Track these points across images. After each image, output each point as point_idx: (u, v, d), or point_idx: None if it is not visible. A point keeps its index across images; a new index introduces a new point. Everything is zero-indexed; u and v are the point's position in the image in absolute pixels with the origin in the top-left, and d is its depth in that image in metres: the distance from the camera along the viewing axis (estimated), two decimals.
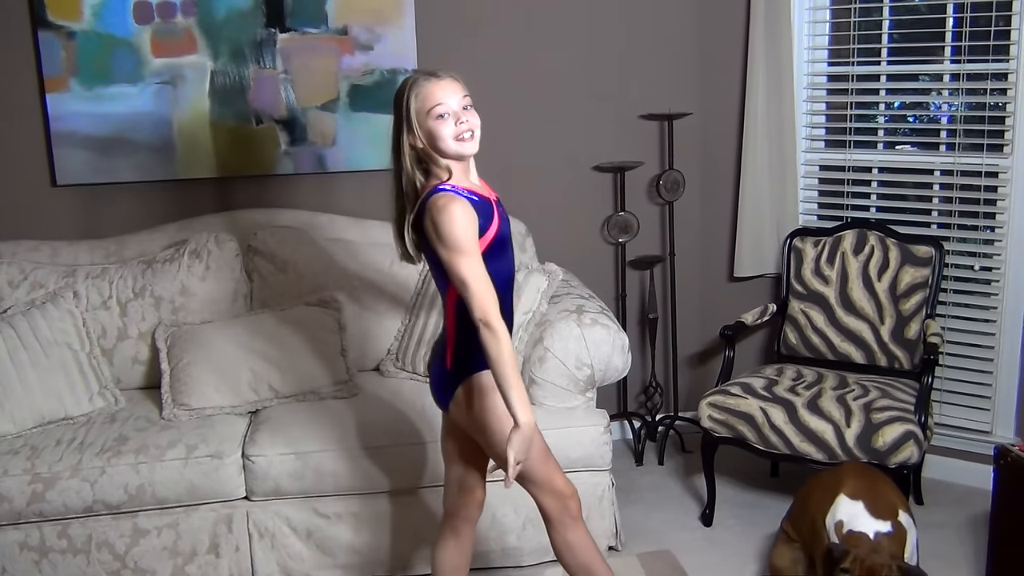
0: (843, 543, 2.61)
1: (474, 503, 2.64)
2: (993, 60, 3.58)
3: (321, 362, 3.40)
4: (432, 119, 2.29)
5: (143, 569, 3.09)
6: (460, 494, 2.62)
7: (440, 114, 2.28)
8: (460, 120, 2.29)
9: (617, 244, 4.18)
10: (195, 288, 3.57)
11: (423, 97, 2.30)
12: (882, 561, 2.50)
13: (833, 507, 2.74)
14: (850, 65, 3.89)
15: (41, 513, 3.01)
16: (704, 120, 4.19)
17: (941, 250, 3.62)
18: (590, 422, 3.25)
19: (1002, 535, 2.83)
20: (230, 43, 3.81)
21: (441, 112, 2.28)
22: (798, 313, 3.82)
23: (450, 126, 2.29)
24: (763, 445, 3.40)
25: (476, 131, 2.33)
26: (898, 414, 3.22)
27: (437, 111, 2.28)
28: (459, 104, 2.30)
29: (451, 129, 2.29)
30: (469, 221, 2.26)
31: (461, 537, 2.66)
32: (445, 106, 2.29)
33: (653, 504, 3.74)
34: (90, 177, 3.81)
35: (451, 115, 2.29)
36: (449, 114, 2.29)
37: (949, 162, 3.73)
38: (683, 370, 4.36)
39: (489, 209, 2.35)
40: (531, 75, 4.03)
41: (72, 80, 3.73)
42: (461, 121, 2.29)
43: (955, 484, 3.77)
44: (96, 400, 3.36)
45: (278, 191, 3.96)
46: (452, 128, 2.29)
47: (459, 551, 2.67)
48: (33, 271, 3.57)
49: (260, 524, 3.12)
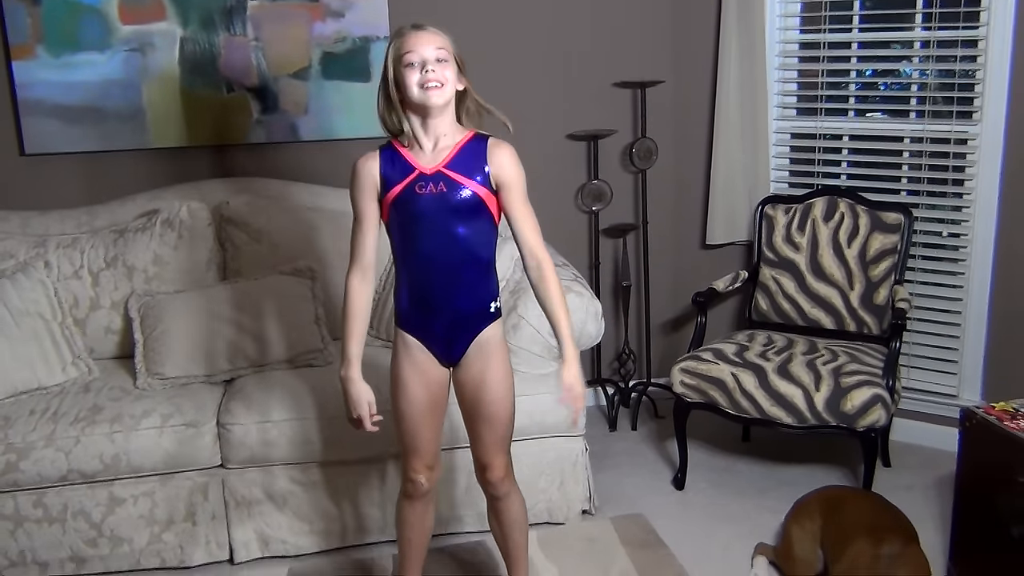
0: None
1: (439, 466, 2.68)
2: (963, 27, 3.59)
3: (295, 331, 3.39)
4: (403, 66, 2.30)
5: (120, 537, 3.09)
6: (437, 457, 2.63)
7: (409, 62, 2.29)
8: (428, 68, 2.28)
9: (591, 212, 4.18)
10: (168, 257, 3.55)
11: (398, 45, 2.31)
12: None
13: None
14: (822, 32, 3.89)
15: (15, 483, 2.99)
16: (677, 88, 4.18)
17: (910, 217, 3.65)
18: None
19: (967, 496, 2.88)
20: (199, 10, 3.76)
21: (411, 60, 2.29)
22: (769, 280, 3.84)
23: (416, 73, 2.29)
24: (734, 410, 3.43)
25: (446, 84, 2.31)
26: (866, 378, 3.25)
27: (407, 59, 2.29)
28: (433, 55, 2.29)
29: (416, 76, 2.29)
30: (355, 179, 2.41)
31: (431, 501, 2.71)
32: (416, 54, 2.29)
33: (626, 469, 3.77)
34: (59, 146, 3.76)
35: (419, 63, 2.29)
36: (417, 63, 2.29)
37: (919, 129, 3.75)
38: (656, 337, 4.38)
39: (408, 170, 2.37)
40: (504, 43, 4.00)
41: (39, 48, 3.67)
42: (429, 69, 2.28)
43: (922, 446, 3.82)
44: (69, 370, 3.34)
45: (251, 160, 3.93)
46: (418, 75, 2.29)
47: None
48: (3, 241, 3.53)
49: (236, 492, 3.13)
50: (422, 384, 2.50)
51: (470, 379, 2.50)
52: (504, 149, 2.41)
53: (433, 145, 2.38)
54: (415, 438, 2.54)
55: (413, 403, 2.50)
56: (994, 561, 2.76)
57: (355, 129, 3.92)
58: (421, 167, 2.37)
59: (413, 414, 2.51)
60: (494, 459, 2.56)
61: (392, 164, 2.38)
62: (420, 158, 2.38)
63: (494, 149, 2.40)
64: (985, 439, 2.77)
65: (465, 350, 2.48)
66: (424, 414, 2.52)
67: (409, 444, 2.55)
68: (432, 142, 2.38)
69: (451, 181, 2.36)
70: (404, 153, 2.38)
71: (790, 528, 2.97)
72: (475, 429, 2.56)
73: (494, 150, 2.40)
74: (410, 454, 2.57)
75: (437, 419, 2.57)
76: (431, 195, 2.36)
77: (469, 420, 2.57)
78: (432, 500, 2.69)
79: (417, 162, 2.37)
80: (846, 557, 2.69)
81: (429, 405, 2.52)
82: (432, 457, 2.59)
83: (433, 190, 2.36)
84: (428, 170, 2.36)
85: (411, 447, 2.56)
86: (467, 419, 2.58)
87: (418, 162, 2.37)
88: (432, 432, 2.56)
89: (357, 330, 2.48)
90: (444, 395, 2.56)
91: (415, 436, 2.54)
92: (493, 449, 2.55)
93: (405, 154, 2.38)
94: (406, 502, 2.65)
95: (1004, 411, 2.80)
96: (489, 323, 2.48)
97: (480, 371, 2.48)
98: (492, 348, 2.48)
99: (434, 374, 2.51)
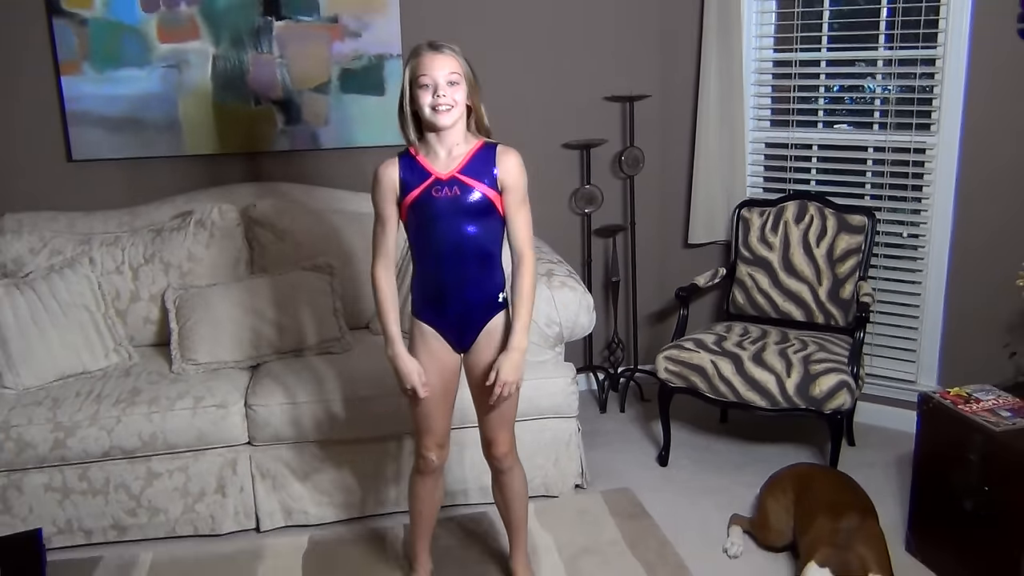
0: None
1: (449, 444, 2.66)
2: (923, 47, 3.57)
3: (315, 321, 3.38)
4: (417, 87, 2.30)
5: (156, 508, 3.09)
6: (447, 436, 2.62)
7: (423, 84, 2.28)
8: (439, 92, 2.28)
9: (583, 214, 4.17)
10: (200, 255, 3.54)
11: (415, 65, 2.31)
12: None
13: (805, 573, 2.55)
14: (793, 51, 3.87)
15: (63, 458, 2.99)
16: (662, 102, 4.16)
17: (873, 219, 3.63)
18: (559, 374, 3.25)
19: (924, 472, 2.87)
20: (230, 30, 3.74)
21: (424, 82, 2.28)
22: (745, 276, 3.83)
23: (429, 96, 2.28)
24: (713, 394, 3.41)
25: (455, 108, 2.31)
26: (833, 365, 3.24)
27: (421, 80, 2.29)
28: (444, 79, 2.28)
29: (429, 99, 2.28)
30: (377, 184, 2.39)
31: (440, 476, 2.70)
32: (429, 77, 2.28)
33: (615, 447, 3.76)
34: (103, 153, 3.75)
35: (432, 86, 2.28)
36: (430, 85, 2.28)
37: (881, 140, 3.73)
38: (642, 327, 4.37)
39: (424, 176, 2.36)
40: (507, 61, 3.98)
41: (85, 64, 3.66)
42: (440, 94, 2.28)
43: (883, 428, 3.81)
44: (111, 356, 3.33)
45: (276, 166, 3.92)
46: (430, 98, 2.28)
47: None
48: (52, 239, 3.52)
49: (262, 467, 3.12)
50: (436, 369, 2.49)
51: (480, 363, 2.49)
52: (511, 155, 2.40)
53: (447, 153, 2.37)
54: (428, 419, 2.53)
55: (428, 388, 2.48)
56: (948, 531, 2.76)
57: (371, 138, 3.90)
58: (437, 173, 2.36)
59: (427, 397, 2.49)
60: (499, 435, 2.56)
61: (410, 170, 2.37)
62: (436, 164, 2.37)
63: (502, 155, 2.39)
64: (941, 421, 2.77)
65: (475, 337, 2.47)
66: (437, 397, 2.51)
67: (422, 424, 2.54)
68: (446, 151, 2.37)
69: (464, 185, 2.35)
70: (421, 160, 2.38)
71: (766, 501, 2.95)
72: (483, 408, 2.55)
73: (502, 156, 2.39)
74: (423, 434, 2.56)
75: (448, 402, 2.56)
76: (446, 198, 2.35)
77: (478, 400, 2.56)
78: (441, 475, 2.69)
79: (433, 168, 2.36)
80: (812, 530, 2.68)
81: (442, 388, 2.51)
82: (443, 436, 2.58)
83: (448, 194, 2.35)
84: (443, 175, 2.36)
85: (424, 427, 2.55)
86: (476, 399, 2.57)
87: (434, 168, 2.36)
88: (443, 414, 2.55)
89: (392, 312, 2.46)
90: (455, 379, 2.55)
91: (428, 417, 2.53)
92: (499, 426, 2.55)
93: (422, 161, 2.37)
94: (418, 477, 2.64)
95: (958, 396, 2.79)
96: (497, 312, 2.47)
97: (490, 356, 2.47)
98: (500, 335, 2.47)
99: (447, 360, 2.50)
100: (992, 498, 2.56)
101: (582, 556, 2.95)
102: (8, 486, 3.00)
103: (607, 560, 2.92)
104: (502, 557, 2.90)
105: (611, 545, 3.00)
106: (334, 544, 3.08)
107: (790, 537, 2.87)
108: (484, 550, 3.00)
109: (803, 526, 2.77)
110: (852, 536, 2.57)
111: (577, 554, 2.96)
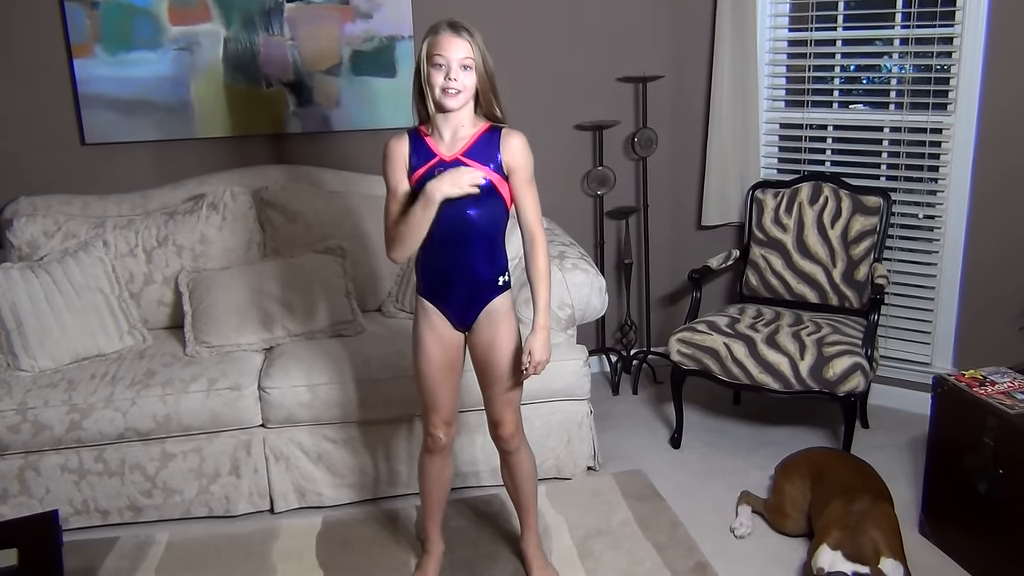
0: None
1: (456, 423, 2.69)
2: (940, 25, 3.52)
3: (328, 303, 3.39)
4: (431, 65, 2.29)
5: (171, 489, 3.11)
6: (454, 414, 2.63)
7: (437, 63, 2.28)
8: (451, 76, 2.27)
9: (596, 196, 4.15)
10: (213, 237, 3.55)
11: (431, 44, 2.30)
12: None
13: (816, 554, 2.54)
14: (809, 31, 3.83)
15: (79, 439, 3.02)
16: (675, 82, 4.13)
17: (888, 200, 3.60)
18: (571, 356, 3.25)
19: (938, 455, 2.86)
20: (241, 12, 3.73)
21: (439, 62, 2.28)
22: (759, 258, 3.81)
23: (441, 77, 2.28)
24: (726, 376, 3.41)
25: (463, 92, 2.30)
26: (847, 348, 3.23)
27: (435, 59, 2.28)
28: (458, 62, 2.27)
29: (440, 80, 2.28)
30: (387, 157, 2.38)
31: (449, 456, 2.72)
32: (444, 58, 2.28)
33: (627, 429, 3.76)
34: (116, 136, 3.75)
35: (445, 67, 2.27)
36: (444, 65, 2.27)
37: (897, 120, 3.69)
38: (655, 309, 4.36)
39: (429, 156, 2.35)
40: (520, 43, 3.96)
41: (97, 47, 3.66)
42: (452, 77, 2.27)
43: (897, 410, 3.79)
44: (126, 338, 3.35)
45: (288, 148, 3.92)
46: (441, 80, 2.28)
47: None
48: (66, 222, 3.54)
49: (275, 448, 3.14)
50: (439, 346, 2.51)
51: (481, 343, 2.51)
52: (515, 138, 2.39)
53: (452, 135, 2.36)
54: (434, 396, 2.55)
55: (432, 363, 2.51)
56: (962, 514, 2.75)
57: (382, 120, 3.89)
58: (441, 154, 2.36)
59: (432, 373, 2.52)
60: (504, 415, 2.57)
61: (417, 149, 2.38)
62: (440, 146, 2.37)
63: (506, 138, 2.38)
64: (955, 404, 2.75)
65: (477, 316, 2.49)
66: (442, 373, 2.53)
67: (429, 401, 2.56)
68: (451, 132, 2.37)
69: (467, 168, 2.34)
70: (427, 140, 2.38)
71: (782, 485, 2.95)
72: (487, 389, 2.57)
73: (506, 139, 2.38)
74: (430, 411, 2.57)
75: (454, 379, 2.57)
76: None
77: (482, 380, 2.58)
78: (450, 455, 2.70)
79: (438, 149, 2.36)
80: (825, 514, 2.68)
81: (446, 365, 2.53)
82: (449, 414, 2.59)
83: None
84: (447, 157, 2.36)
85: (431, 404, 2.56)
86: (480, 379, 2.59)
87: (439, 149, 2.36)
88: (449, 390, 2.57)
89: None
90: (460, 357, 2.57)
91: (434, 394, 2.55)
92: (503, 407, 2.56)
93: (428, 141, 2.38)
94: (427, 456, 2.66)
95: (973, 378, 2.77)
96: (498, 294, 2.48)
97: (490, 336, 2.49)
98: (500, 316, 2.48)
99: (450, 337, 2.51)
100: (1006, 481, 2.55)
101: (594, 538, 2.96)
102: (25, 467, 3.03)
103: (619, 542, 2.93)
104: (513, 538, 2.92)
105: (623, 527, 3.01)
106: (347, 525, 3.10)
107: (804, 526, 2.87)
108: (495, 531, 3.02)
109: (817, 511, 2.77)
110: (864, 519, 2.56)
111: (589, 536, 2.97)
